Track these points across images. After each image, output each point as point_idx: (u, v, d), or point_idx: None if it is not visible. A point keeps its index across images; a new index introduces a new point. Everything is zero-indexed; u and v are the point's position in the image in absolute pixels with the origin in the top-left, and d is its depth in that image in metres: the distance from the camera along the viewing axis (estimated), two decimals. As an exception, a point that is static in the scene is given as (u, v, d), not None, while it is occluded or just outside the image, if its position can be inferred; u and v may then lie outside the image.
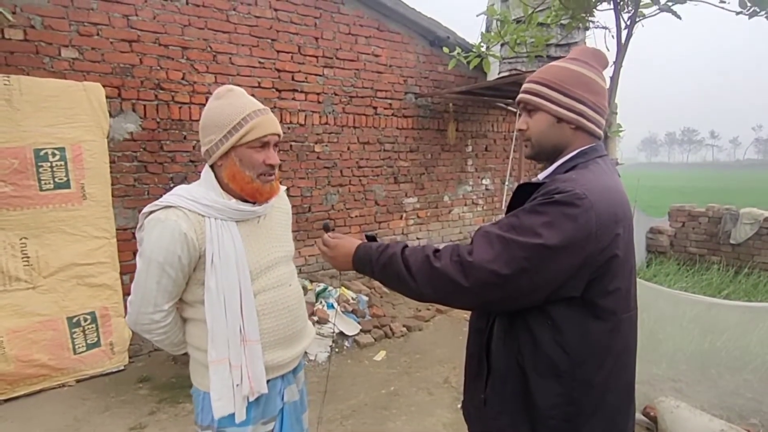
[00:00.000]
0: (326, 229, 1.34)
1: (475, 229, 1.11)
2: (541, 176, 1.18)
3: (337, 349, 3.81)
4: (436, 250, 1.08)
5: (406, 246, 1.15)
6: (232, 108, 1.29)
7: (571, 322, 1.03)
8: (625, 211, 1.07)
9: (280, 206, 1.51)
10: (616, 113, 3.08)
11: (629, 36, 2.92)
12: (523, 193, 1.10)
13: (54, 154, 3.06)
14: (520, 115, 1.23)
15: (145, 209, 1.30)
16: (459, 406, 1.34)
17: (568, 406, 1.04)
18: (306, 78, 4.56)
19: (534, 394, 1.05)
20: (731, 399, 2.75)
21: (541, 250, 0.96)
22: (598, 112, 1.13)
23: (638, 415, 2.65)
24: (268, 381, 1.36)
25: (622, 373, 1.11)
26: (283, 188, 1.53)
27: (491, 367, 1.14)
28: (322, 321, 3.92)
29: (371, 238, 1.27)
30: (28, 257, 3.02)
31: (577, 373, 1.04)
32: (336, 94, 4.79)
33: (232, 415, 1.31)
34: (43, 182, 3.03)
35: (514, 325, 1.08)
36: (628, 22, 2.90)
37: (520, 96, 1.19)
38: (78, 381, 3.23)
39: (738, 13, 2.72)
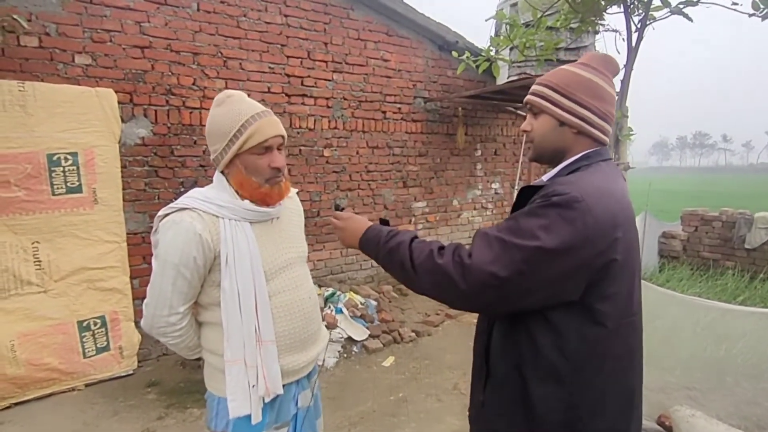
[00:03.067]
0: (337, 208, 1.37)
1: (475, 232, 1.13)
2: (545, 178, 1.18)
3: (345, 355, 3.79)
4: (441, 247, 1.09)
5: (416, 237, 1.16)
6: (231, 115, 1.28)
7: (570, 327, 1.03)
8: (626, 214, 1.06)
9: (293, 207, 1.52)
10: (627, 116, 3.04)
11: (640, 39, 2.89)
12: (526, 196, 1.11)
13: (66, 159, 3.10)
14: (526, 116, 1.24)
15: (160, 212, 1.30)
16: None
17: (567, 411, 1.04)
18: (315, 83, 4.58)
19: (533, 398, 1.05)
20: (749, 408, 2.68)
21: (539, 252, 0.97)
22: (604, 118, 1.13)
23: (653, 424, 2.60)
24: (282, 385, 1.35)
25: (622, 377, 1.10)
26: (294, 190, 1.53)
27: (490, 370, 1.14)
28: (331, 326, 3.90)
29: (385, 223, 1.29)
30: (40, 261, 3.05)
31: (577, 377, 1.04)
32: (345, 99, 4.80)
33: (247, 419, 1.29)
34: (55, 187, 3.07)
35: (513, 328, 1.09)
36: (639, 25, 2.87)
37: (527, 97, 1.21)
38: (87, 385, 3.25)
39: (751, 15, 2.68)
